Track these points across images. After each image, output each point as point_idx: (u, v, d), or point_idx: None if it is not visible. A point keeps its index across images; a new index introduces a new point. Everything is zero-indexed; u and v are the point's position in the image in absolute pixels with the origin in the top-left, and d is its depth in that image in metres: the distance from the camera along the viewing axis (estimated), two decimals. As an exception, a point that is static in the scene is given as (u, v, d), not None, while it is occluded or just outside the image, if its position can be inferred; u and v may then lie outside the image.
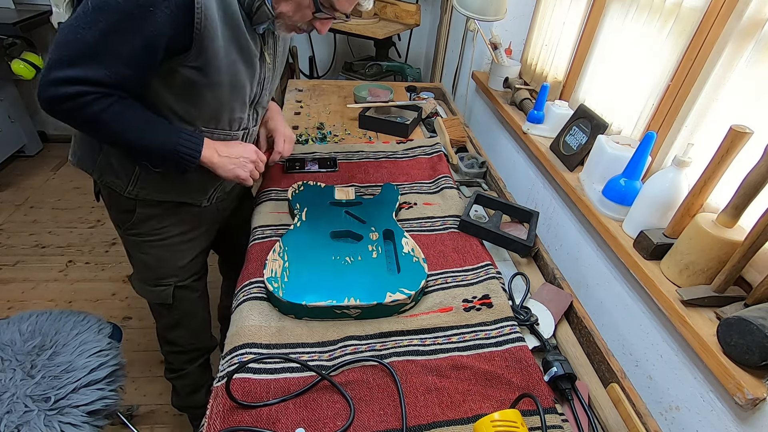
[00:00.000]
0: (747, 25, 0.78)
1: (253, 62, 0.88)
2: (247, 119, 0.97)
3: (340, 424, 0.67)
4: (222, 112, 0.90)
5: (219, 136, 0.92)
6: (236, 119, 0.93)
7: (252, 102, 0.95)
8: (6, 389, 0.93)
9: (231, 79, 0.85)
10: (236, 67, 0.85)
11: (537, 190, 1.37)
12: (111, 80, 0.73)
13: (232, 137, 0.95)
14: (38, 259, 2.09)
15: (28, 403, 0.91)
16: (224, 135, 0.93)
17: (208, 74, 0.81)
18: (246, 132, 0.99)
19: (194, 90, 0.83)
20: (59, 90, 0.71)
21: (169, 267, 1.08)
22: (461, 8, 1.43)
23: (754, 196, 0.68)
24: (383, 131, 1.51)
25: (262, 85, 0.95)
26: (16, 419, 0.88)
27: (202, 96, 0.84)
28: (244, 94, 0.91)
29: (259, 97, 0.97)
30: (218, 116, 0.90)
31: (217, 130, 0.92)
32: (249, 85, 0.90)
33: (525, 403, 0.71)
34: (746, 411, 0.65)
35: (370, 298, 0.82)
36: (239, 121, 0.95)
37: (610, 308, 0.99)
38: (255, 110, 0.99)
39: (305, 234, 0.96)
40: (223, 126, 0.92)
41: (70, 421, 0.92)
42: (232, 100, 0.89)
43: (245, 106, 0.93)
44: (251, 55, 0.86)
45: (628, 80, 1.06)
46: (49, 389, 0.94)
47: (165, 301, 1.11)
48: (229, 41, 0.81)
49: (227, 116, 0.91)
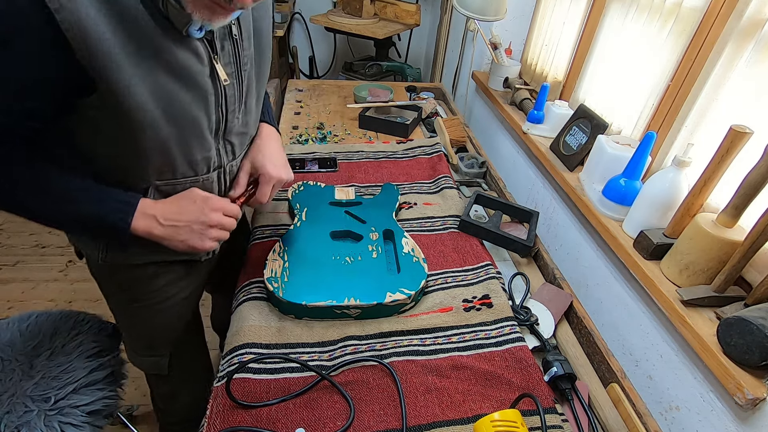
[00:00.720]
0: (747, 25, 0.78)
1: (198, 83, 0.64)
2: (218, 155, 0.74)
3: (340, 424, 0.67)
4: (174, 157, 0.67)
5: (185, 185, 0.72)
6: (200, 160, 0.71)
7: (217, 132, 0.72)
8: (6, 389, 0.93)
9: (168, 113, 0.62)
10: (173, 97, 0.62)
11: (537, 190, 1.37)
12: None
13: (202, 183, 0.73)
14: (38, 259, 2.09)
15: (28, 403, 0.91)
16: (191, 181, 0.72)
17: (129, 115, 0.59)
18: (221, 170, 0.76)
19: (125, 136, 0.62)
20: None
21: (163, 333, 0.93)
22: (461, 8, 1.43)
23: (754, 196, 0.68)
24: (383, 131, 1.51)
25: (224, 109, 0.70)
26: (16, 419, 0.88)
27: (136, 143, 0.63)
28: (199, 128, 0.68)
29: (226, 124, 0.72)
30: (171, 163, 0.68)
31: (177, 182, 0.70)
32: (203, 114, 0.67)
33: (525, 403, 0.71)
34: (746, 411, 0.65)
35: (370, 298, 0.82)
36: (206, 161, 0.72)
37: (610, 308, 0.99)
38: (227, 142, 0.75)
39: (305, 234, 0.96)
40: (184, 173, 0.70)
41: (70, 421, 0.92)
42: (182, 138, 0.66)
43: (207, 141, 0.70)
44: (192, 74, 0.63)
45: (628, 80, 1.06)
46: (49, 389, 0.94)
47: (160, 372, 0.99)
48: (144, 62, 0.57)
49: (184, 160, 0.69)
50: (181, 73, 0.61)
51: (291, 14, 2.76)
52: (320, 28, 2.72)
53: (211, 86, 0.66)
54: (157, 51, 0.58)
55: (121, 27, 0.54)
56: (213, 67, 0.65)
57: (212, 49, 0.65)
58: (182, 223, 0.70)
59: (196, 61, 0.62)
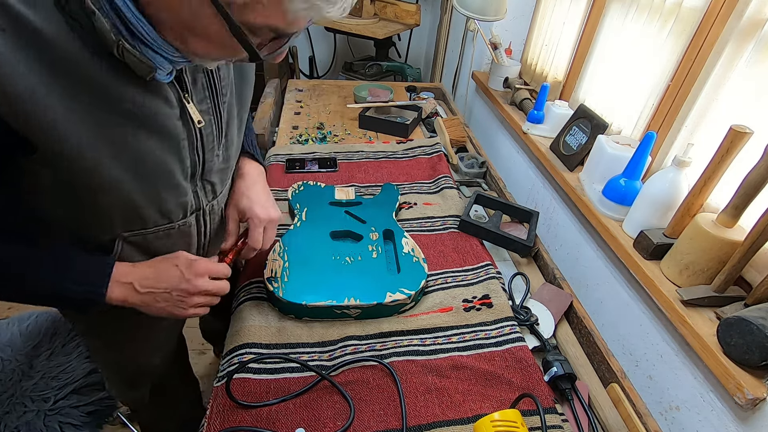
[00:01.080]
0: (747, 25, 0.78)
1: (168, 128, 0.56)
2: (196, 198, 0.67)
3: (340, 424, 0.67)
4: (142, 211, 0.59)
5: (157, 233, 0.64)
6: (174, 208, 0.63)
7: (194, 176, 0.64)
8: (6, 389, 0.93)
9: (131, 166, 0.54)
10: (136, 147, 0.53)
11: (537, 190, 1.37)
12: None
13: (179, 228, 0.66)
14: (38, 259, 2.09)
15: (28, 403, 0.91)
16: (165, 230, 0.64)
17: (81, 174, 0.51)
18: (200, 212, 0.69)
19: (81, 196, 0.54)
20: None
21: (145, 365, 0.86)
22: (461, 8, 1.43)
23: (754, 196, 0.68)
24: (383, 131, 1.51)
25: (201, 151, 0.62)
26: (16, 419, 0.88)
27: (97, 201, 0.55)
28: (171, 176, 0.59)
29: (203, 165, 0.64)
30: (140, 216, 0.60)
31: (149, 231, 0.63)
32: (176, 160, 0.59)
33: (525, 403, 0.71)
34: (746, 411, 0.65)
35: (370, 298, 0.82)
36: (182, 206, 0.64)
37: (610, 308, 0.99)
38: (207, 182, 0.67)
39: (305, 234, 0.96)
40: (156, 222, 0.62)
41: (70, 421, 0.92)
42: (150, 190, 0.58)
43: (181, 187, 0.62)
44: (160, 120, 0.54)
45: (628, 80, 1.06)
46: (49, 389, 0.94)
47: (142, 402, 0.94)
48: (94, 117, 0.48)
49: (155, 211, 0.61)
50: (144, 123, 0.53)
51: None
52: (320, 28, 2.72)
53: (183, 130, 0.58)
54: (110, 100, 0.49)
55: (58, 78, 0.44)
56: (184, 107, 0.57)
57: (182, 88, 0.56)
58: (160, 290, 0.62)
59: (162, 106, 0.54)
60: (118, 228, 0.60)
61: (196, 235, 0.71)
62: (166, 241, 0.67)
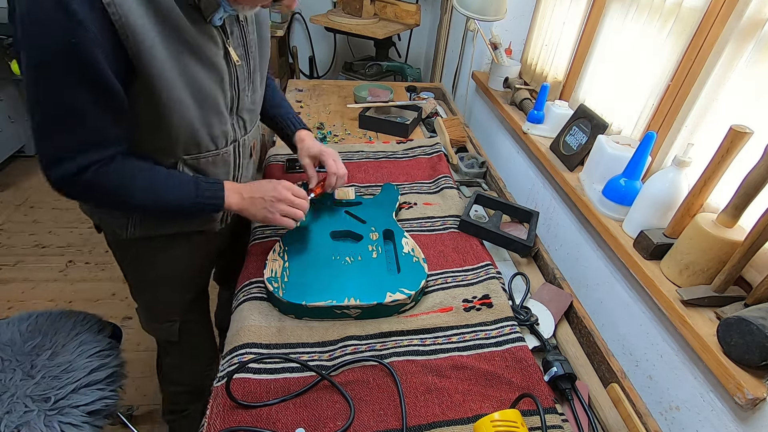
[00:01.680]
0: (747, 25, 0.78)
1: (216, 64, 0.74)
2: (233, 130, 0.85)
3: (340, 424, 0.67)
4: (199, 133, 0.77)
5: (207, 159, 0.82)
6: (219, 135, 0.81)
7: (232, 109, 0.83)
8: (6, 389, 0.93)
9: (193, 91, 0.72)
10: (196, 76, 0.71)
11: (537, 190, 1.37)
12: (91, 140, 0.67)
13: (222, 156, 0.84)
14: (38, 259, 2.09)
15: (28, 403, 0.91)
16: (212, 156, 0.82)
17: (162, 94, 0.68)
18: (236, 144, 0.87)
19: (157, 116, 0.70)
20: (55, 171, 0.67)
21: (175, 302, 1.02)
22: (461, 8, 1.43)
23: (754, 196, 0.68)
24: (383, 131, 1.51)
25: (237, 87, 0.81)
26: (16, 419, 0.88)
27: (167, 119, 0.71)
28: (218, 104, 0.78)
29: (239, 102, 0.83)
30: (196, 139, 0.78)
31: (201, 155, 0.80)
32: (220, 91, 0.77)
33: (525, 403, 0.71)
34: (746, 411, 0.65)
35: (370, 298, 0.82)
36: (224, 135, 0.83)
37: (610, 308, 0.99)
38: (240, 117, 0.86)
39: (305, 234, 0.96)
40: (207, 147, 0.80)
41: (70, 421, 0.92)
42: (204, 115, 0.76)
43: (224, 116, 0.81)
44: (210, 55, 0.72)
45: (628, 80, 1.06)
46: (49, 389, 0.94)
47: (171, 338, 1.06)
48: (174, 47, 0.66)
49: (206, 135, 0.79)
50: (201, 56, 0.71)
51: (291, 14, 2.76)
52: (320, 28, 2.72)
53: (226, 67, 0.76)
54: (184, 37, 0.67)
55: (156, 16, 0.63)
56: (226, 50, 0.76)
57: (225, 35, 0.75)
58: (258, 197, 0.83)
59: (213, 45, 0.72)
60: (180, 151, 0.78)
61: (233, 164, 0.89)
62: (214, 169, 0.84)
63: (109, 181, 0.70)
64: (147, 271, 0.95)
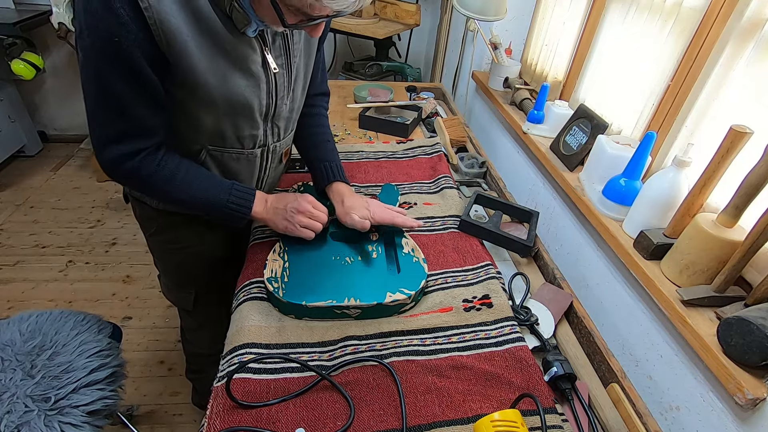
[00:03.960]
0: (747, 25, 0.78)
1: (253, 71, 0.77)
2: (264, 135, 0.88)
3: (340, 424, 0.67)
4: (224, 131, 0.82)
5: (231, 154, 0.86)
6: (247, 137, 0.85)
7: (267, 116, 0.85)
8: (6, 389, 0.93)
9: (226, 94, 0.76)
10: (230, 80, 0.75)
11: (537, 190, 1.37)
12: (131, 127, 0.73)
13: (246, 156, 0.88)
14: (38, 259, 2.09)
15: (28, 403, 0.91)
16: (237, 153, 0.86)
17: (194, 92, 0.73)
18: (265, 149, 0.90)
19: (186, 109, 0.76)
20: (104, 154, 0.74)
21: (191, 274, 1.07)
22: (461, 8, 1.43)
23: (754, 196, 0.68)
24: (383, 131, 1.51)
25: (275, 95, 0.83)
26: (16, 419, 0.88)
27: (196, 115, 0.77)
28: (251, 110, 0.81)
29: (275, 109, 0.86)
30: (222, 135, 0.82)
31: (225, 149, 0.85)
32: (255, 98, 0.80)
33: (525, 403, 0.71)
34: (746, 411, 0.65)
35: (370, 298, 0.82)
36: (252, 138, 0.86)
37: (610, 308, 0.99)
38: (275, 125, 0.89)
39: (305, 234, 0.96)
40: (232, 144, 0.85)
41: (70, 421, 0.92)
42: (233, 117, 0.80)
43: (256, 122, 0.84)
44: (247, 63, 0.76)
45: (629, 80, 1.06)
46: (49, 389, 0.94)
47: (186, 307, 1.12)
48: (209, 51, 0.71)
49: (233, 134, 0.83)
50: (236, 61, 0.74)
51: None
52: (320, 28, 2.72)
53: (263, 74, 0.79)
54: (220, 42, 0.71)
55: (193, 22, 0.67)
56: (264, 57, 0.78)
57: (264, 43, 0.77)
58: (281, 208, 0.87)
59: (251, 52, 0.75)
60: (205, 141, 0.82)
61: (258, 167, 0.93)
62: (236, 165, 0.89)
63: (152, 170, 0.76)
64: (167, 243, 1.01)
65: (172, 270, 1.08)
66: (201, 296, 1.10)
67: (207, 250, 1.05)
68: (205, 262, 1.06)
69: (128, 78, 0.68)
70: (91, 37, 0.64)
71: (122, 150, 0.74)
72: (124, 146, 0.74)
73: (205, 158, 0.85)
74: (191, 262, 1.05)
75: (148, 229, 1.01)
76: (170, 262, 1.06)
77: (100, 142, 0.74)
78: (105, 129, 0.73)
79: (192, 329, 1.20)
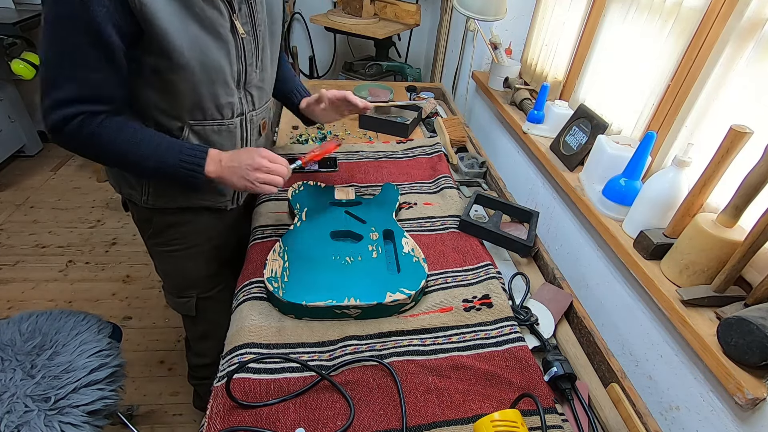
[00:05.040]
0: (747, 25, 0.78)
1: (222, 35, 0.78)
2: (240, 103, 0.88)
3: (340, 424, 0.67)
4: (203, 100, 0.82)
5: (213, 127, 0.86)
6: (225, 105, 0.85)
7: (239, 82, 0.86)
8: (6, 389, 0.93)
9: (199, 58, 0.76)
10: (202, 44, 0.76)
11: (537, 190, 1.37)
12: (87, 92, 0.72)
13: (227, 127, 0.88)
14: (38, 259, 2.09)
15: (28, 403, 0.91)
16: (218, 125, 0.86)
17: (169, 57, 0.73)
18: (243, 118, 0.91)
19: (163, 78, 0.76)
20: (51, 116, 0.72)
21: (191, 278, 1.06)
22: (461, 8, 1.43)
23: (754, 196, 0.68)
24: (383, 131, 1.51)
25: (244, 61, 0.85)
26: (16, 419, 0.88)
27: (173, 84, 0.77)
28: (224, 75, 0.82)
29: (246, 75, 0.87)
30: (201, 105, 0.82)
31: (206, 122, 0.84)
32: (227, 63, 0.81)
33: (525, 403, 0.71)
34: (746, 411, 0.65)
35: (370, 298, 0.82)
36: (230, 106, 0.86)
37: (610, 308, 0.99)
38: (247, 92, 0.89)
39: (305, 234, 0.96)
40: (212, 115, 0.84)
41: (70, 421, 0.92)
42: (209, 83, 0.80)
43: (230, 88, 0.84)
44: (216, 26, 0.77)
45: (629, 80, 1.06)
46: (49, 389, 0.94)
47: (189, 313, 1.11)
48: (182, 14, 0.72)
49: (212, 103, 0.83)
50: (207, 25, 0.76)
51: (291, 14, 2.76)
52: (320, 28, 2.72)
53: (232, 38, 0.81)
54: (190, 5, 0.73)
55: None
56: (233, 23, 0.80)
57: (231, 8, 0.79)
58: (236, 165, 0.82)
59: (218, 16, 0.77)
60: (186, 116, 0.82)
61: (239, 137, 0.93)
62: (219, 138, 0.89)
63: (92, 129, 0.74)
64: (164, 245, 1.01)
65: (172, 272, 1.07)
66: (202, 301, 1.09)
67: (206, 251, 1.04)
68: (202, 264, 1.06)
69: (90, 40, 0.67)
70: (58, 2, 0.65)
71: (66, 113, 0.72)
72: (70, 109, 0.72)
73: (188, 136, 0.85)
74: (193, 263, 1.04)
75: (145, 232, 1.01)
76: (169, 265, 1.05)
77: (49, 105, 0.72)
78: (57, 91, 0.71)
79: (196, 338, 1.19)
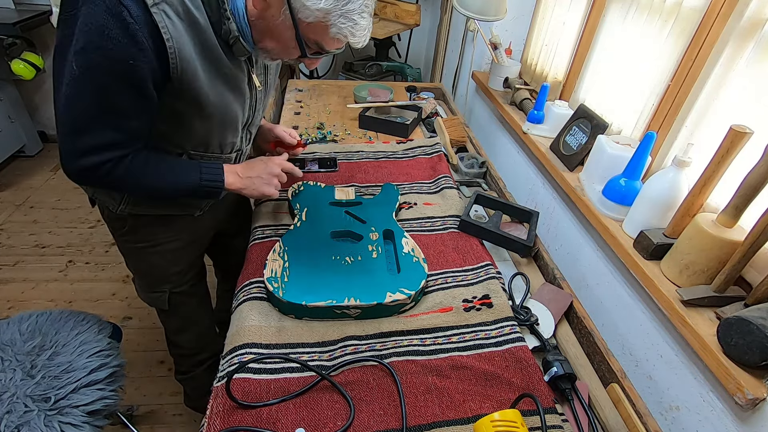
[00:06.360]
0: (747, 25, 0.78)
1: (242, 89, 0.86)
2: (240, 141, 0.96)
3: (340, 424, 0.67)
4: (211, 140, 0.88)
5: (210, 158, 0.91)
6: (228, 144, 0.92)
7: (245, 125, 0.94)
8: (6, 389, 0.93)
9: (221, 110, 0.84)
10: (225, 99, 0.83)
11: (537, 190, 1.37)
12: (121, 138, 0.76)
13: (224, 159, 0.94)
14: (38, 259, 2.09)
15: (28, 403, 0.91)
16: (215, 158, 0.92)
17: (196, 107, 0.80)
18: (239, 153, 0.98)
19: (184, 120, 0.82)
20: (81, 162, 0.75)
21: (163, 273, 1.08)
22: (461, 8, 1.43)
23: (754, 196, 0.68)
24: (383, 131, 1.51)
25: (254, 109, 0.94)
26: (16, 419, 0.88)
27: (190, 125, 0.83)
28: (236, 122, 0.90)
29: (252, 119, 0.96)
30: (207, 143, 0.88)
31: (206, 154, 0.90)
32: (241, 112, 0.89)
33: (525, 403, 0.71)
34: (746, 411, 0.65)
35: (370, 298, 0.82)
36: (231, 145, 0.93)
37: (610, 308, 0.99)
38: (248, 131, 0.98)
39: (305, 234, 0.96)
40: (213, 150, 0.90)
41: (70, 421, 0.92)
42: (221, 128, 0.87)
43: (237, 131, 0.92)
44: (238, 82, 0.85)
45: (628, 80, 1.06)
46: (49, 389, 0.94)
47: (162, 307, 1.12)
48: (212, 75, 0.79)
49: (217, 142, 0.90)
50: (231, 83, 0.83)
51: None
52: (320, 28, 2.72)
53: (248, 91, 0.89)
54: (221, 68, 0.80)
55: (201, 51, 0.75)
56: (250, 77, 0.88)
57: (251, 64, 0.87)
58: (254, 175, 0.93)
59: (240, 73, 0.84)
60: (187, 147, 0.87)
61: None
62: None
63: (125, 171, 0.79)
64: (135, 244, 1.03)
65: (145, 270, 1.09)
66: (175, 295, 1.11)
67: (176, 251, 1.05)
68: (180, 258, 1.08)
69: (134, 93, 0.72)
70: (101, 57, 0.67)
71: (102, 159, 0.75)
72: (106, 155, 0.76)
73: None
74: (164, 260, 1.06)
75: (118, 230, 1.02)
76: (142, 262, 1.07)
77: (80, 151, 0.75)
78: (90, 139, 0.74)
79: (173, 330, 1.22)
